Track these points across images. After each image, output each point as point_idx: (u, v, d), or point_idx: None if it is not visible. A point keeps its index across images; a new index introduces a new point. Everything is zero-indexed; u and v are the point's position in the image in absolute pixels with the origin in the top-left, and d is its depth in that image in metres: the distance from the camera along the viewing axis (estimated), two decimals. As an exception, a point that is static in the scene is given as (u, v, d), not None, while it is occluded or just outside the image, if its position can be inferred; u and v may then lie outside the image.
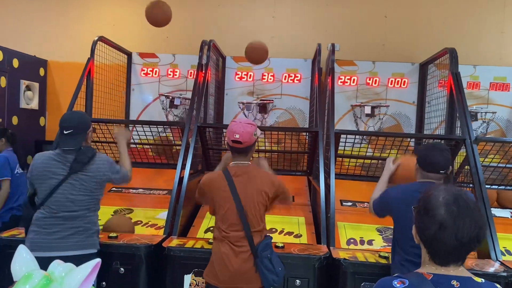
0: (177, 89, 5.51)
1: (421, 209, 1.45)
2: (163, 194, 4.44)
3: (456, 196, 1.41)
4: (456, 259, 1.42)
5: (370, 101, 5.32)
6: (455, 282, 1.38)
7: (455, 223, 1.36)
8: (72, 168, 2.66)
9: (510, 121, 5.19)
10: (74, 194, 2.68)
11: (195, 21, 5.99)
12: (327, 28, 5.80)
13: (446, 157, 2.55)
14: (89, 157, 2.70)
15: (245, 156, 2.66)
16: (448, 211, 1.38)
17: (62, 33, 6.11)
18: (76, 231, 2.69)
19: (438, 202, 1.41)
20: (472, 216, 1.38)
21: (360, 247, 3.52)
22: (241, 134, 2.55)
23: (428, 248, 1.44)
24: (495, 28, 5.67)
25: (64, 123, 2.72)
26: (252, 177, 2.62)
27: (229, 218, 2.58)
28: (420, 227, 1.45)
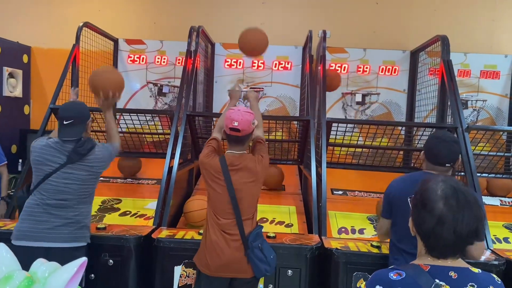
0: (165, 77, 5.40)
1: (418, 202, 1.42)
2: (152, 183, 4.38)
3: (455, 189, 1.38)
4: (453, 252, 1.40)
5: (360, 89, 5.28)
6: (453, 273, 1.37)
7: (454, 218, 1.34)
8: (70, 158, 2.62)
9: (500, 109, 5.20)
10: (67, 184, 2.63)
11: (183, 7, 5.86)
12: (318, 14, 5.71)
13: (453, 150, 2.42)
14: (88, 149, 2.66)
15: (242, 145, 2.59)
16: (446, 205, 1.35)
17: (46, 19, 5.93)
18: (66, 223, 2.63)
19: (436, 195, 1.37)
20: (471, 209, 1.35)
21: (352, 236, 3.51)
22: (240, 121, 2.46)
23: (425, 242, 1.42)
24: (486, 15, 5.65)
25: (64, 113, 2.67)
26: (249, 168, 2.57)
27: (223, 207, 2.54)
28: (417, 220, 1.42)
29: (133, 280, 2.97)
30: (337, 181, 4.53)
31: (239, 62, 5.44)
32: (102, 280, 2.92)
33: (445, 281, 1.35)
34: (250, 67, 5.43)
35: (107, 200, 3.99)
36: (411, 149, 4.40)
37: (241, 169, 2.55)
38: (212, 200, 2.59)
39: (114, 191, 4.19)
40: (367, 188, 4.48)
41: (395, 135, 4.09)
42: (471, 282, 1.36)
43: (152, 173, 4.54)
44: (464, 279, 1.37)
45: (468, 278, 1.37)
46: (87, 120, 2.77)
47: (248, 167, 2.56)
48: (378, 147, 4.12)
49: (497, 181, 4.26)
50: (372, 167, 4.27)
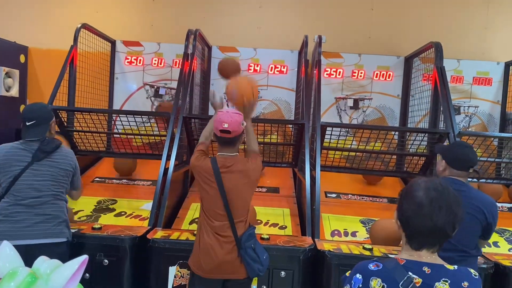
0: (161, 79, 5.44)
1: (403, 193, 1.55)
2: (147, 185, 4.41)
3: (438, 184, 1.50)
4: (430, 243, 1.48)
5: (355, 93, 5.34)
6: (426, 268, 1.45)
7: (431, 205, 1.44)
8: (34, 157, 2.67)
9: (491, 115, 5.28)
10: (38, 180, 2.66)
11: (180, 10, 5.90)
12: (314, 19, 5.77)
13: (475, 154, 2.63)
14: (53, 147, 2.72)
15: (233, 147, 2.60)
16: (426, 194, 1.47)
17: (43, 19, 5.95)
18: (44, 219, 2.65)
19: (419, 186, 1.50)
20: (448, 202, 1.46)
21: (344, 239, 3.56)
22: (230, 123, 2.49)
23: (405, 229, 1.51)
24: (479, 23, 5.74)
25: (26, 114, 2.73)
26: (240, 170, 2.58)
27: (214, 209, 2.56)
28: (399, 209, 1.53)
29: (128, 280, 3.00)
30: (331, 184, 4.59)
31: (235, 65, 5.47)
32: (97, 279, 2.95)
33: (418, 275, 1.43)
34: (246, 70, 5.46)
35: (103, 201, 4.02)
36: (404, 154, 4.45)
37: (232, 171, 2.56)
38: (205, 202, 2.61)
39: (110, 192, 4.22)
40: (360, 192, 4.55)
41: (388, 139, 4.14)
42: (444, 277, 1.43)
43: (148, 174, 4.57)
44: (437, 275, 1.44)
45: (441, 273, 1.44)
46: (50, 121, 2.81)
47: (239, 168, 2.57)
48: (371, 151, 4.18)
49: (488, 186, 4.32)
50: (365, 171, 4.33)
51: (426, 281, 1.42)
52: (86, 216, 3.73)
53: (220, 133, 2.52)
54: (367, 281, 1.47)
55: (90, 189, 4.21)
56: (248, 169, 2.60)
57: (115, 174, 4.64)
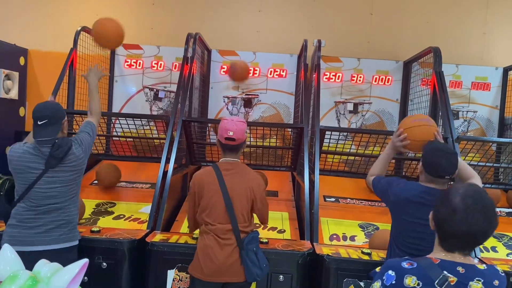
0: (161, 82, 5.45)
1: (442, 197, 1.61)
2: (146, 188, 4.41)
3: (476, 191, 1.55)
4: (461, 247, 1.55)
5: (354, 98, 5.36)
6: (461, 268, 1.52)
7: (466, 212, 1.50)
8: (47, 164, 2.60)
9: (490, 120, 5.29)
10: (54, 188, 2.63)
11: (180, 13, 5.92)
12: (313, 24, 5.80)
13: (453, 162, 2.40)
14: (65, 151, 2.62)
15: (236, 153, 2.73)
16: (463, 201, 1.52)
17: (43, 22, 5.96)
18: (59, 225, 2.65)
19: (457, 192, 1.56)
20: (485, 211, 1.51)
21: (343, 243, 3.57)
22: (235, 131, 2.62)
23: (439, 231, 1.59)
24: (477, 28, 5.77)
25: (38, 113, 2.61)
26: (241, 173, 2.69)
27: (216, 212, 2.60)
28: (436, 210, 1.60)
29: (126, 283, 2.99)
30: (330, 188, 4.59)
31: (235, 68, 5.48)
32: (96, 282, 2.94)
33: (453, 274, 1.49)
34: (246, 74, 5.47)
35: (102, 204, 4.02)
36: (403, 158, 4.46)
37: (234, 173, 2.66)
38: (206, 208, 2.64)
39: (109, 195, 4.22)
40: (359, 196, 4.54)
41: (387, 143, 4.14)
42: (477, 277, 1.50)
43: (147, 177, 4.57)
44: (471, 274, 1.51)
45: (475, 273, 1.51)
46: (62, 120, 2.71)
47: (240, 172, 2.69)
48: (370, 155, 4.19)
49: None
50: (364, 175, 4.31)
51: (460, 280, 1.48)
52: (85, 219, 3.73)
53: (225, 140, 2.65)
54: (401, 279, 1.52)
55: (89, 192, 4.21)
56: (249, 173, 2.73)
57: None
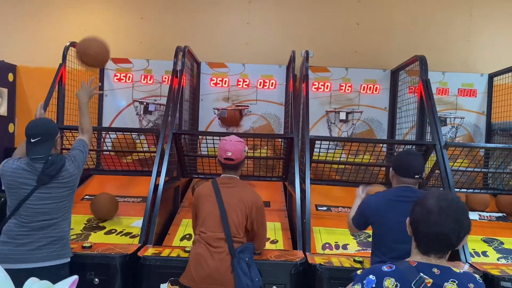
0: (151, 95, 5.46)
1: (418, 200, 1.67)
2: (137, 201, 4.39)
3: (449, 196, 1.62)
4: (436, 249, 1.60)
5: (343, 106, 5.41)
6: (436, 269, 1.57)
7: (440, 214, 1.56)
8: (39, 181, 2.58)
9: (477, 126, 5.37)
10: (46, 204, 2.61)
11: (169, 27, 5.96)
12: (301, 35, 5.86)
13: (419, 161, 2.65)
14: (58, 168, 2.60)
15: (236, 171, 2.85)
16: (436, 203, 1.58)
17: (32, 38, 5.96)
18: (50, 241, 2.62)
19: (432, 195, 1.63)
20: (456, 213, 1.57)
21: (335, 252, 3.57)
22: (233, 151, 2.74)
23: (414, 234, 1.64)
24: (462, 36, 5.87)
25: (31, 131, 2.61)
26: (239, 187, 2.78)
27: (210, 221, 2.66)
28: (412, 214, 1.66)
29: (119, 299, 2.97)
30: (322, 197, 4.60)
31: (224, 80, 5.52)
32: (88, 299, 2.92)
33: (429, 276, 1.55)
34: (235, 85, 5.52)
35: (93, 219, 3.99)
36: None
37: (232, 186, 2.77)
38: (201, 219, 2.70)
39: (100, 210, 4.18)
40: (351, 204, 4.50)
41: (376, 151, 4.20)
42: (452, 278, 1.55)
43: (138, 191, 4.55)
44: (446, 276, 1.56)
45: (450, 275, 1.57)
46: (56, 136, 2.70)
47: (238, 185, 2.80)
48: (360, 163, 4.22)
49: (476, 196, 4.37)
50: (355, 183, 4.35)
51: (436, 281, 1.54)
52: (76, 235, 3.70)
53: (224, 160, 2.76)
54: (381, 281, 1.58)
55: (80, 207, 4.17)
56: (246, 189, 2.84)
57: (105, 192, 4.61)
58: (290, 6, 5.94)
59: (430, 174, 4.19)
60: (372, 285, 1.59)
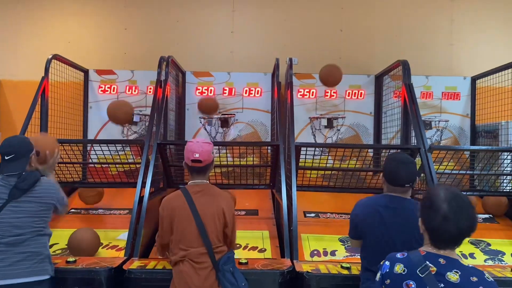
0: (136, 106, 5.41)
1: (426, 203, 1.80)
2: (124, 214, 4.35)
3: (455, 194, 1.76)
4: (455, 243, 1.77)
5: (329, 112, 5.43)
6: (442, 260, 1.74)
7: (455, 216, 1.71)
8: (10, 195, 2.57)
9: (462, 129, 5.42)
10: (19, 217, 2.57)
11: (154, 37, 5.96)
12: (285, 42, 5.90)
13: (411, 170, 2.49)
14: (30, 183, 2.61)
15: (204, 175, 2.70)
16: (449, 206, 1.72)
17: (14, 51, 5.92)
18: (25, 257, 2.57)
19: (441, 198, 1.75)
20: (468, 210, 1.74)
21: (324, 259, 3.56)
22: (201, 153, 2.59)
23: (431, 235, 1.79)
24: (444, 40, 5.95)
25: (4, 149, 2.65)
26: (211, 194, 2.65)
27: (189, 236, 2.56)
28: (426, 218, 1.80)
29: (105, 313, 2.92)
30: (310, 203, 4.60)
31: (210, 89, 5.52)
32: (73, 314, 2.87)
33: (434, 264, 1.73)
34: (221, 94, 5.52)
35: (78, 232, 3.93)
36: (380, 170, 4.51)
37: (203, 194, 2.64)
38: (178, 232, 2.59)
39: (85, 223, 4.14)
40: (338, 210, 4.57)
41: (362, 156, 4.21)
42: (456, 269, 1.71)
43: (124, 203, 4.51)
44: (450, 266, 1.72)
45: (454, 266, 1.72)
46: (30, 154, 2.73)
47: (210, 192, 2.66)
48: (346, 169, 4.23)
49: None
50: (342, 188, 4.36)
51: (439, 270, 1.71)
52: (61, 250, 3.65)
53: (191, 162, 2.62)
54: (392, 266, 1.82)
55: (65, 221, 4.12)
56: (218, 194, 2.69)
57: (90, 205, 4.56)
58: (273, 14, 5.98)
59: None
60: (386, 269, 1.83)
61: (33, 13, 5.97)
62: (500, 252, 3.73)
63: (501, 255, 3.69)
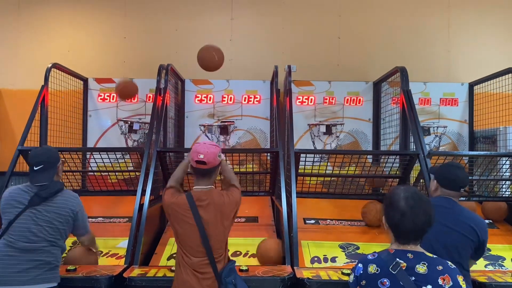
0: (135, 114, 5.45)
1: (387, 202, 1.96)
2: (123, 222, 4.34)
3: (412, 192, 1.93)
4: (414, 239, 1.92)
5: (328, 119, 5.45)
6: (410, 254, 1.89)
7: (412, 212, 1.87)
8: (30, 202, 2.63)
9: (460, 134, 5.44)
10: (36, 225, 2.62)
11: (152, 45, 6.00)
12: (284, 49, 5.94)
13: (466, 175, 2.65)
14: (51, 192, 2.68)
15: (209, 179, 2.58)
16: (406, 203, 1.89)
17: (14, 60, 5.95)
18: (37, 265, 2.60)
19: (399, 197, 1.92)
20: (424, 206, 1.89)
21: (324, 265, 3.55)
22: (206, 154, 2.49)
23: (393, 231, 1.95)
24: (442, 47, 6.00)
25: (34, 159, 2.71)
26: (216, 203, 2.55)
27: (192, 245, 2.52)
28: (387, 216, 1.96)
29: (105, 322, 2.91)
30: (310, 210, 4.60)
31: (209, 97, 5.55)
32: (73, 323, 2.85)
33: (403, 260, 1.87)
34: (220, 102, 5.54)
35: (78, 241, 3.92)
36: (378, 176, 4.52)
37: (209, 204, 2.53)
38: (182, 239, 2.55)
39: (85, 231, 4.12)
40: (338, 216, 4.57)
41: (361, 163, 4.22)
42: (423, 261, 1.85)
43: (124, 211, 4.51)
44: (418, 259, 1.86)
45: (421, 258, 1.87)
46: (57, 164, 2.80)
47: (215, 201, 2.55)
48: (345, 175, 4.24)
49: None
50: (341, 195, 4.37)
51: (409, 265, 1.85)
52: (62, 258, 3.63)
53: (196, 164, 2.51)
54: (366, 267, 1.93)
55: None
56: (223, 203, 2.57)
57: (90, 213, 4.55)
58: (272, 22, 6.02)
59: (415, 183, 4.22)
60: (360, 271, 1.94)
61: (33, 22, 6.01)
62: (501, 257, 3.73)
63: (502, 260, 3.69)
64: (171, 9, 6.02)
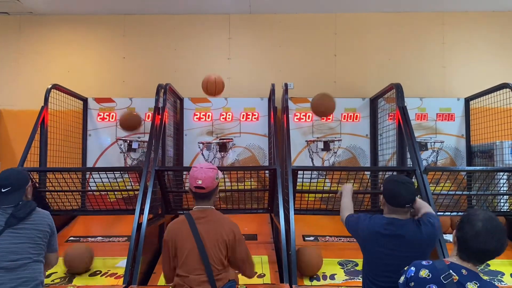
0: (135, 132, 5.49)
1: (464, 219, 1.96)
2: (123, 241, 4.34)
3: (492, 217, 1.94)
4: (476, 260, 1.93)
5: (325, 135, 5.49)
6: (464, 270, 1.90)
7: (486, 234, 1.88)
8: (7, 223, 2.64)
9: (458, 149, 5.46)
10: (16, 243, 2.62)
11: (151, 65, 6.07)
12: (281, 67, 6.02)
13: (410, 191, 2.54)
14: (27, 212, 2.69)
15: (208, 200, 2.67)
16: (483, 226, 1.89)
17: (14, 81, 6.02)
18: (21, 282, 2.59)
19: (478, 217, 1.92)
20: (499, 234, 1.90)
21: (323, 283, 3.54)
22: (204, 179, 2.58)
23: (460, 246, 1.95)
24: (437, 63, 6.06)
25: (2, 181, 2.72)
26: (214, 220, 2.60)
27: (190, 262, 2.52)
28: (461, 229, 1.95)
29: None
30: (309, 227, 4.60)
31: (207, 115, 5.60)
32: None
33: (457, 274, 1.88)
34: (218, 119, 5.59)
35: (77, 261, 3.92)
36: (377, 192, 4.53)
37: (208, 220, 2.59)
38: (181, 260, 2.55)
39: (84, 251, 4.12)
40: (337, 233, 4.56)
41: (359, 178, 4.23)
42: (475, 280, 1.86)
43: (123, 230, 4.51)
44: (471, 277, 1.87)
45: (474, 278, 1.88)
46: (26, 186, 2.81)
47: (214, 218, 2.62)
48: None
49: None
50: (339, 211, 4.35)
51: (461, 280, 1.86)
52: (60, 278, 3.63)
53: (195, 189, 2.62)
54: (418, 271, 1.97)
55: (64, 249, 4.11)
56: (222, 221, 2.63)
57: (90, 232, 4.56)
58: (269, 40, 6.11)
59: (413, 199, 4.21)
60: (411, 273, 1.99)
61: (33, 43, 6.10)
62: (500, 273, 3.72)
63: (501, 276, 3.68)
64: (170, 29, 6.12)
